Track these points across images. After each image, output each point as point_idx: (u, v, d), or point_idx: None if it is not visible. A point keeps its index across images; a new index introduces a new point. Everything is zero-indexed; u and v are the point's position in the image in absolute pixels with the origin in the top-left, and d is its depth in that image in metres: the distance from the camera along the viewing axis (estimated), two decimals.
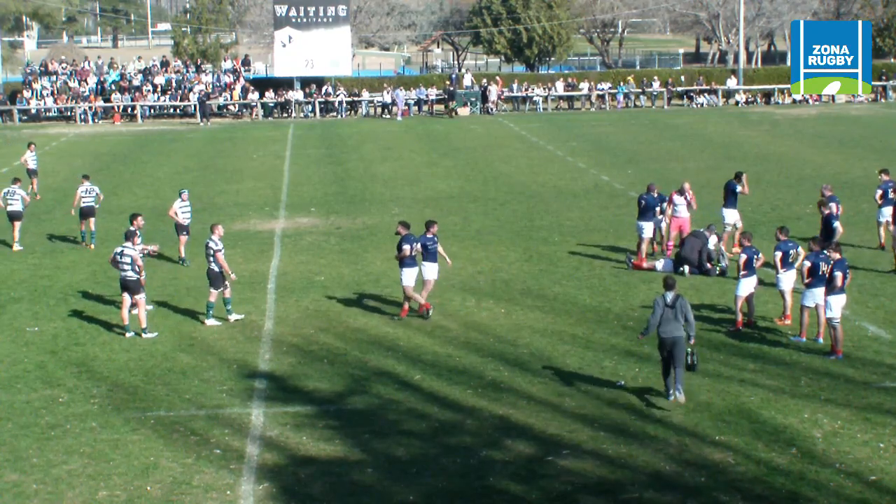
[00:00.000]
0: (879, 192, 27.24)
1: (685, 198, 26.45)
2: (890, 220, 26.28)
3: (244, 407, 17.10)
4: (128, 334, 20.83)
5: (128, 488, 14.21)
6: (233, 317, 21.89)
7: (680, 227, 26.31)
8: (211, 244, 21.62)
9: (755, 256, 20.72)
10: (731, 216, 26.84)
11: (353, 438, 15.69)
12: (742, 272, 20.57)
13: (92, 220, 29.65)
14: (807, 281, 19.66)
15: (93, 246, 29.34)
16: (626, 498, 13.74)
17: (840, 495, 13.67)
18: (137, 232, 22.15)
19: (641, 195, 26.32)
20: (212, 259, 21.59)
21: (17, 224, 29.66)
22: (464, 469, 14.61)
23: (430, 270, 22.02)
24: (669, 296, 17.12)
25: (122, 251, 21.13)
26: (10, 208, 29.62)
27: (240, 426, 16.28)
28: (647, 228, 25.71)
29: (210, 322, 21.67)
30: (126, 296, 21.06)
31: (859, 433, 15.55)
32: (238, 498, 13.94)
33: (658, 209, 25.98)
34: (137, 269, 21.01)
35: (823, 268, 19.43)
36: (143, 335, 20.74)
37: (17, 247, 29.35)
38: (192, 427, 16.21)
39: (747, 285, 20.56)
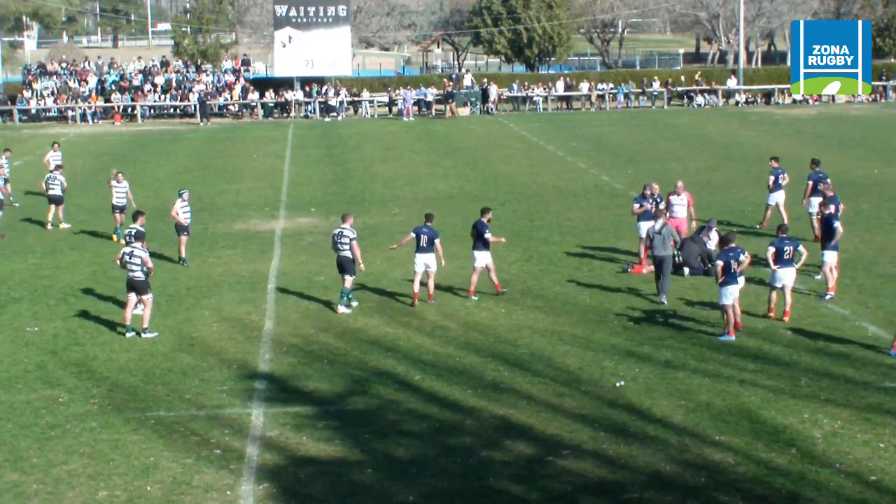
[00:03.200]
0: (772, 178, 29.70)
1: (682, 198, 26.35)
2: (781, 202, 29.45)
3: (244, 407, 17.10)
4: (128, 334, 20.82)
5: (128, 488, 14.21)
6: (353, 304, 22.58)
7: (676, 228, 26.19)
8: (347, 232, 22.29)
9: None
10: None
11: (353, 438, 15.68)
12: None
13: (121, 215, 30.43)
14: (720, 279, 19.99)
15: (124, 241, 29.64)
16: (626, 498, 13.73)
17: (840, 495, 13.67)
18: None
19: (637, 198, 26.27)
20: (346, 247, 22.18)
21: (61, 207, 32.79)
22: (464, 469, 14.61)
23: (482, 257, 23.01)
24: (658, 224, 22.93)
25: (132, 252, 21.05)
26: (50, 192, 32.60)
27: (240, 426, 16.28)
28: (644, 228, 25.66)
29: (342, 310, 22.19)
30: (132, 296, 20.99)
31: (859, 433, 15.55)
32: (238, 498, 13.94)
33: (642, 206, 25.62)
34: (147, 270, 21.00)
35: (734, 265, 19.91)
36: (143, 335, 20.73)
37: (63, 225, 32.55)
38: (192, 427, 16.21)
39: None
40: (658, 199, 25.91)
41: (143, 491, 14.14)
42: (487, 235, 22.81)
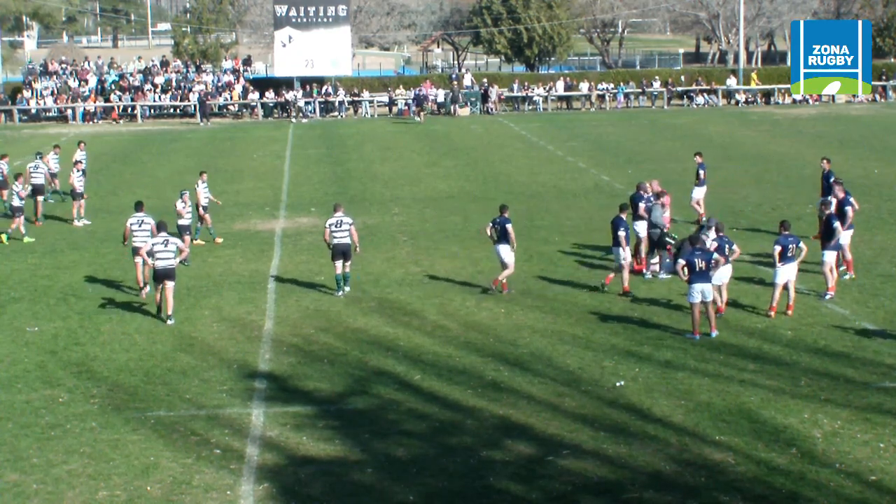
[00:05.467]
0: (701, 172, 31.14)
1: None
2: (701, 198, 30.86)
3: (244, 407, 17.10)
4: (170, 322, 21.45)
5: (128, 488, 14.21)
6: (346, 290, 23.59)
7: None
8: (347, 219, 23.37)
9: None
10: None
11: (353, 438, 15.68)
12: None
13: (207, 215, 29.74)
14: (685, 278, 20.04)
15: (219, 240, 29.56)
16: (626, 498, 13.73)
17: (840, 495, 13.67)
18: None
19: (632, 196, 26.14)
20: (346, 234, 23.16)
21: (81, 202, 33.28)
22: (464, 469, 14.61)
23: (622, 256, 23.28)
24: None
25: (167, 240, 21.58)
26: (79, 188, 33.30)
27: (240, 426, 16.28)
28: (641, 228, 25.69)
29: (347, 289, 23.45)
30: (167, 283, 21.53)
31: (859, 433, 15.55)
32: (238, 498, 13.94)
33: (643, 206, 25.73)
34: (179, 257, 21.86)
35: (700, 264, 19.86)
36: (169, 322, 21.52)
37: (82, 221, 32.67)
38: (192, 427, 16.21)
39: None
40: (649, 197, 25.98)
41: (143, 491, 14.14)
42: (621, 233, 23.05)
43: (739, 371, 18.24)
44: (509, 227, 23.25)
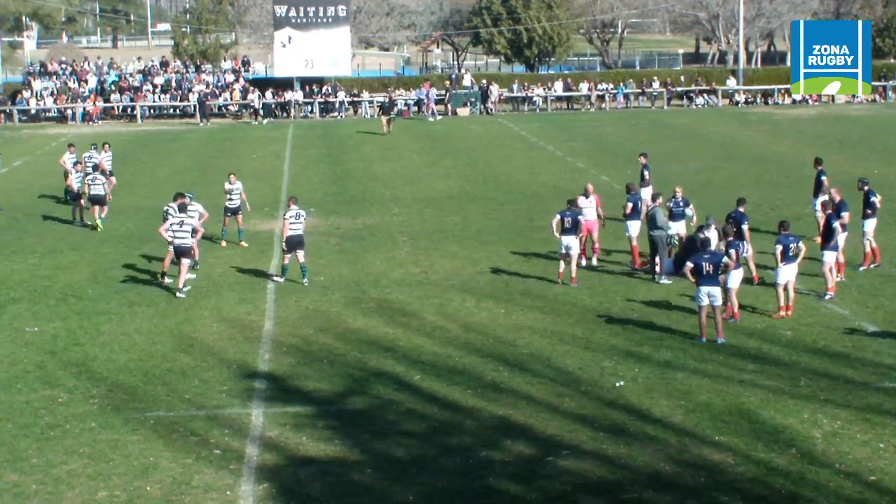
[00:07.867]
0: (646, 173, 31.46)
1: (591, 200, 26.22)
2: (648, 198, 29.69)
3: (244, 407, 17.10)
4: (179, 294, 23.47)
5: (127, 488, 14.21)
6: (306, 282, 24.58)
7: (588, 230, 25.99)
8: (303, 212, 24.82)
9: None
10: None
11: (353, 438, 15.69)
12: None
13: (239, 216, 29.41)
14: (693, 280, 19.96)
15: (243, 243, 29.19)
16: (626, 498, 13.73)
17: (840, 495, 13.67)
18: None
19: (628, 198, 26.20)
20: (302, 226, 24.54)
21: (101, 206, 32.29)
22: (463, 469, 14.61)
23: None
24: (652, 206, 24.87)
25: (182, 221, 23.82)
26: (93, 192, 32.07)
27: (239, 426, 16.28)
28: (633, 227, 25.74)
29: (306, 282, 24.45)
30: (183, 259, 23.68)
31: (859, 433, 15.56)
32: (238, 498, 13.94)
33: (630, 206, 25.80)
34: (195, 236, 24.10)
35: (707, 267, 19.77)
36: (179, 294, 23.45)
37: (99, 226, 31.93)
38: (191, 427, 16.20)
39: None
40: (683, 202, 26.00)
41: (143, 491, 14.14)
42: (745, 227, 23.05)
43: (739, 371, 18.24)
44: (582, 218, 24.38)
